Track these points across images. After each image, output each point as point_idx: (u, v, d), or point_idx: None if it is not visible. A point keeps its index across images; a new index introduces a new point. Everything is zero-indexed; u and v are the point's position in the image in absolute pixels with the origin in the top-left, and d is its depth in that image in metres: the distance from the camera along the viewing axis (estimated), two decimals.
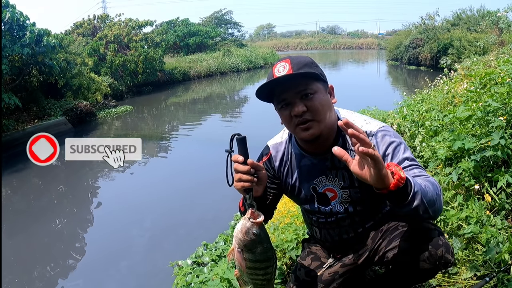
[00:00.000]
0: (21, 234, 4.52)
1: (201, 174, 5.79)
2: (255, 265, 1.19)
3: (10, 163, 7.04)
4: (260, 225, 1.16)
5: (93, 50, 15.08)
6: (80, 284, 3.54)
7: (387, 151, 1.27)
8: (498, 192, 2.13)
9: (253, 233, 1.14)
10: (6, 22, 8.18)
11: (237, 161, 1.20)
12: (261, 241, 1.17)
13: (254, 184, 1.22)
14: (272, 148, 1.49)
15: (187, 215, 4.65)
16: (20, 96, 9.02)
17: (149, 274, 3.46)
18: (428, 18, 19.46)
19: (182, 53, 23.61)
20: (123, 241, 4.15)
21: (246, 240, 1.15)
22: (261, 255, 1.18)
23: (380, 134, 1.30)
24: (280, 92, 1.28)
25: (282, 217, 2.69)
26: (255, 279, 1.23)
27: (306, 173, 1.43)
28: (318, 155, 1.39)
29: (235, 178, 1.21)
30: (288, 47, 48.40)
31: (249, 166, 1.20)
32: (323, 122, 1.28)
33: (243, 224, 1.16)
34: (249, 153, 1.21)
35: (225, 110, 12.93)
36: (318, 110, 1.26)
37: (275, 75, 1.26)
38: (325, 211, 1.46)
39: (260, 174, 1.25)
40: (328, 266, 1.55)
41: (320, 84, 1.29)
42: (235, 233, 1.17)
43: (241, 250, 1.18)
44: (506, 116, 2.30)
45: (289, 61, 1.27)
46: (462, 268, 1.83)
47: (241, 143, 1.20)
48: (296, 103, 1.26)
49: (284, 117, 1.31)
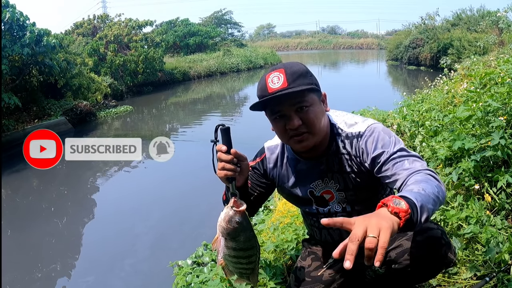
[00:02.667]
0: (21, 234, 4.52)
1: (201, 174, 5.78)
2: (238, 253, 1.21)
3: (10, 163, 7.04)
4: (242, 214, 1.17)
5: (93, 50, 15.08)
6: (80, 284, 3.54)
7: (376, 148, 1.25)
8: (498, 192, 2.13)
9: (236, 221, 1.15)
10: (6, 22, 8.18)
11: (221, 150, 1.22)
12: (244, 229, 1.18)
13: (237, 173, 1.24)
14: (267, 150, 1.50)
15: (187, 215, 4.65)
16: (20, 96, 9.01)
17: (149, 274, 3.46)
18: (428, 18, 19.46)
19: (182, 53, 23.61)
20: (123, 241, 4.15)
21: (229, 228, 1.16)
22: (244, 244, 1.20)
23: (368, 132, 1.29)
24: (274, 104, 1.26)
25: (282, 217, 2.69)
26: (239, 268, 1.25)
27: (302, 178, 1.44)
28: (313, 159, 1.40)
29: (219, 166, 1.23)
30: (288, 47, 48.40)
31: (232, 156, 1.22)
32: (317, 134, 1.28)
33: (226, 213, 1.16)
34: (232, 143, 1.24)
35: (225, 110, 12.93)
36: (313, 123, 1.25)
37: (269, 86, 1.24)
38: (323, 212, 1.46)
39: (243, 164, 1.27)
40: (328, 266, 1.55)
41: (315, 95, 1.28)
42: (218, 222, 1.18)
43: (225, 239, 1.19)
44: (506, 116, 2.30)
45: (283, 71, 1.24)
46: (462, 268, 1.83)
47: (225, 133, 1.23)
48: (291, 116, 1.24)
49: (278, 128, 1.30)
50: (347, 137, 1.34)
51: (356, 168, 1.34)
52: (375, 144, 1.26)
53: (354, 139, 1.32)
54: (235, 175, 1.24)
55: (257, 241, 1.25)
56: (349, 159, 1.35)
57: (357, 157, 1.33)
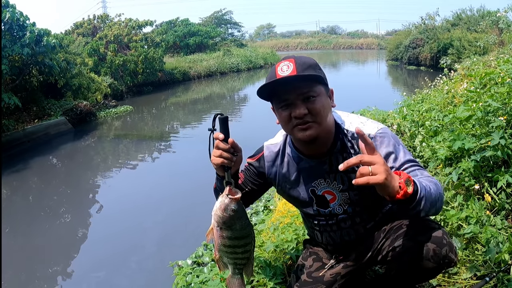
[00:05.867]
0: (22, 234, 4.52)
1: (201, 174, 5.78)
2: (234, 242, 1.21)
3: (10, 163, 7.04)
4: (238, 202, 1.18)
5: (93, 50, 15.07)
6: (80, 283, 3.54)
7: (387, 155, 1.28)
8: (498, 192, 2.13)
9: (231, 209, 1.16)
10: (6, 22, 8.18)
11: (218, 138, 1.23)
12: (240, 217, 1.19)
13: (232, 163, 1.25)
14: (266, 148, 1.50)
15: (187, 215, 4.64)
16: (20, 96, 9.01)
17: (148, 274, 3.46)
18: (428, 18, 19.46)
19: (182, 53, 23.60)
20: (123, 241, 4.14)
21: (225, 216, 1.16)
22: (240, 232, 1.20)
23: (379, 138, 1.30)
24: (282, 92, 1.27)
25: (282, 217, 2.69)
26: (234, 257, 1.25)
27: (305, 176, 1.43)
28: (316, 158, 1.39)
29: (216, 154, 1.24)
30: (288, 47, 48.40)
31: (230, 145, 1.24)
32: (322, 125, 1.28)
33: (221, 201, 1.17)
34: (230, 133, 1.26)
35: (225, 110, 12.92)
36: (319, 113, 1.26)
37: (278, 74, 1.25)
38: (324, 213, 1.46)
39: (238, 156, 1.29)
40: (330, 267, 1.55)
41: (322, 88, 1.29)
42: (213, 211, 1.19)
43: (220, 228, 1.19)
44: (506, 116, 2.30)
45: (294, 61, 1.25)
46: (462, 268, 1.83)
47: (223, 122, 1.24)
48: (297, 105, 1.25)
49: (283, 117, 1.30)
50: (353, 137, 1.34)
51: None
52: (386, 149, 1.29)
53: None
54: (230, 164, 1.24)
55: (252, 228, 1.26)
56: None
57: None
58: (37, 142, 8.65)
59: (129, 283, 3.41)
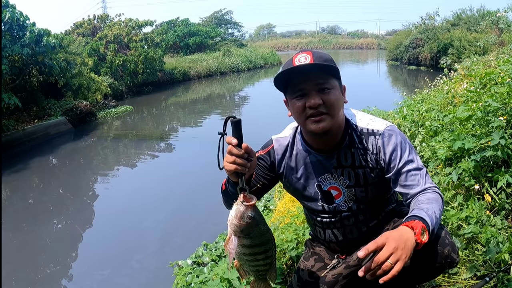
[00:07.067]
0: (22, 234, 4.52)
1: (201, 174, 5.78)
2: (254, 250, 1.15)
3: (10, 163, 7.04)
4: (254, 208, 1.12)
5: (93, 50, 15.07)
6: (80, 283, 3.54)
7: (394, 152, 1.31)
8: (498, 192, 2.13)
9: (248, 216, 1.10)
10: (6, 22, 8.18)
11: (231, 143, 1.13)
12: (258, 223, 1.13)
13: (247, 169, 1.17)
14: (275, 141, 1.49)
15: (187, 215, 4.65)
16: (20, 96, 9.01)
17: (149, 274, 3.46)
18: (428, 18, 19.46)
19: (182, 53, 23.60)
20: (124, 241, 4.15)
21: (242, 225, 1.10)
22: (259, 239, 1.14)
23: (387, 134, 1.33)
24: (298, 81, 1.28)
25: (282, 217, 2.69)
26: (256, 265, 1.19)
27: (312, 170, 1.43)
28: (324, 152, 1.40)
29: (229, 160, 1.14)
30: (288, 47, 48.37)
31: (244, 150, 1.14)
32: (335, 118, 1.30)
33: (237, 209, 1.11)
34: (243, 137, 1.14)
35: (225, 110, 12.92)
36: (333, 105, 1.27)
37: (296, 64, 1.25)
38: (329, 209, 1.46)
39: (252, 160, 1.20)
40: (331, 268, 1.55)
41: (337, 82, 1.31)
42: (229, 221, 1.12)
43: (238, 237, 1.12)
44: (506, 116, 2.30)
45: (311, 54, 1.27)
46: (462, 268, 1.83)
47: (236, 126, 1.12)
48: (312, 95, 1.26)
49: (297, 107, 1.29)
50: (362, 132, 1.37)
51: (371, 164, 1.36)
52: (393, 146, 1.31)
53: (371, 136, 1.35)
54: (245, 171, 1.15)
55: (272, 233, 1.20)
56: (364, 154, 1.36)
57: (373, 153, 1.35)
58: (37, 142, 8.65)
59: (130, 282, 3.42)
